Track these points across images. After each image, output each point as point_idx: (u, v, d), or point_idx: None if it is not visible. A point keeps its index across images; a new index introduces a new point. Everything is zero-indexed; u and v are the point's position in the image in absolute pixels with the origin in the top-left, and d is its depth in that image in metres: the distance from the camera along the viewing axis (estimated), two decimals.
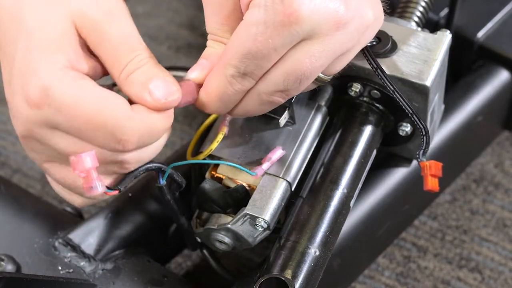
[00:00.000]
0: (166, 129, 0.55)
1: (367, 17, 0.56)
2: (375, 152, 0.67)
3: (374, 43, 0.64)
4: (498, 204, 0.88)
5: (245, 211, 0.61)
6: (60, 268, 0.67)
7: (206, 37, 0.60)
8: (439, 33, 0.66)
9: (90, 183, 0.52)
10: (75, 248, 0.68)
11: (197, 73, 0.58)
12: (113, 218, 0.71)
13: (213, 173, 0.64)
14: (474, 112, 0.81)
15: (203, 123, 0.67)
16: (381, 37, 0.65)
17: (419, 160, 0.64)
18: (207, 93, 0.57)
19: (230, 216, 0.62)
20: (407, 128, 0.68)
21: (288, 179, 0.62)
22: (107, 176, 0.56)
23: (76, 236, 0.69)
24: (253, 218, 0.61)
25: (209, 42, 0.58)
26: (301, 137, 0.65)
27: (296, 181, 0.63)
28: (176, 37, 1.02)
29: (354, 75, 0.65)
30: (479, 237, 0.85)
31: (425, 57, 0.64)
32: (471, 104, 0.81)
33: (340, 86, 0.67)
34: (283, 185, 0.62)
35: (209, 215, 0.65)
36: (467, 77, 0.84)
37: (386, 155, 0.75)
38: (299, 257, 0.59)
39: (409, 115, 0.63)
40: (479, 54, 0.85)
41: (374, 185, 0.74)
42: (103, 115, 0.52)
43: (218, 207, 0.64)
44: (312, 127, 0.66)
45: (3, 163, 0.93)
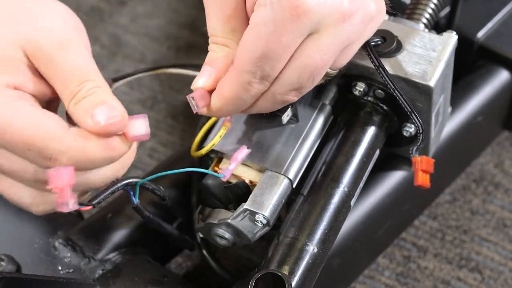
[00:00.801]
0: (107, 158, 0.54)
1: (370, 8, 0.57)
2: (378, 152, 0.67)
3: (379, 42, 0.64)
4: (498, 204, 0.88)
5: (245, 207, 0.61)
6: (60, 268, 0.67)
7: (207, 36, 0.60)
8: (445, 34, 0.66)
9: (63, 199, 0.53)
10: (75, 248, 0.68)
11: (204, 81, 0.58)
12: (113, 218, 0.71)
13: (216, 168, 0.65)
14: (474, 112, 0.81)
15: (208, 121, 0.67)
16: (386, 37, 0.65)
17: (411, 155, 0.64)
18: (221, 99, 0.57)
19: (231, 212, 0.63)
20: (411, 129, 0.68)
21: (290, 176, 0.63)
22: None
23: (76, 236, 0.69)
24: (253, 214, 0.61)
25: (211, 46, 0.59)
26: (303, 135, 0.65)
27: (298, 179, 0.64)
28: (177, 37, 1.02)
29: (359, 74, 0.65)
30: (479, 237, 0.85)
31: (430, 57, 0.64)
32: (471, 104, 0.81)
33: (344, 85, 0.67)
34: (284, 182, 0.62)
35: (211, 210, 0.65)
36: (467, 77, 0.84)
37: (387, 155, 0.75)
38: (297, 254, 0.59)
39: (408, 113, 0.63)
40: (479, 54, 0.85)
41: (375, 185, 0.75)
42: (33, 135, 0.52)
43: (220, 202, 0.64)
44: (315, 125, 0.66)
45: None
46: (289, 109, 0.63)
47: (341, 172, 0.64)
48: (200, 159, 0.66)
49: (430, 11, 0.72)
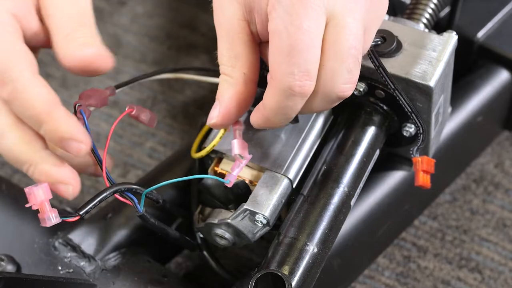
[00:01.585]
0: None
1: None
2: (378, 152, 0.67)
3: (379, 42, 0.64)
4: (498, 204, 0.88)
5: (245, 206, 0.61)
6: (60, 268, 0.67)
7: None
8: (445, 34, 0.66)
9: (43, 214, 0.55)
10: (75, 248, 0.68)
11: (215, 119, 0.59)
12: (113, 218, 0.71)
13: (216, 168, 0.65)
14: (474, 112, 0.81)
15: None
16: (386, 36, 0.65)
17: (412, 155, 0.64)
18: (266, 110, 0.57)
19: (231, 212, 0.63)
20: (411, 129, 0.68)
21: (290, 176, 0.63)
22: None
23: (76, 236, 0.69)
24: (253, 214, 0.61)
25: (220, 76, 0.59)
26: (303, 134, 0.65)
27: (298, 179, 0.64)
28: (177, 37, 1.02)
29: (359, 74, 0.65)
30: (479, 237, 0.85)
31: (430, 57, 0.64)
32: (471, 104, 0.81)
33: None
34: (284, 182, 0.62)
35: (211, 210, 0.65)
36: (467, 77, 0.84)
37: (387, 155, 0.75)
38: (297, 254, 0.59)
39: (409, 113, 0.63)
40: (479, 54, 0.85)
41: (375, 185, 0.75)
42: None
43: (220, 202, 0.64)
44: (315, 125, 0.66)
45: (3, 163, 0.93)
46: None
47: (341, 172, 0.64)
48: (200, 159, 0.67)
49: (430, 11, 0.72)
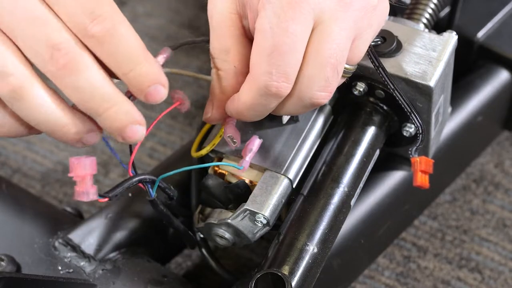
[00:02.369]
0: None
1: None
2: (378, 152, 0.67)
3: (379, 42, 0.64)
4: (498, 204, 0.88)
5: (245, 207, 0.61)
6: (60, 268, 0.67)
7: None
8: (445, 34, 0.66)
9: (83, 188, 0.52)
10: (75, 248, 0.68)
11: (210, 113, 0.60)
12: (113, 218, 0.71)
13: (216, 168, 0.64)
14: (474, 112, 0.81)
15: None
16: (386, 36, 0.65)
17: (410, 156, 0.64)
18: (240, 105, 0.57)
19: (231, 212, 0.63)
20: (411, 129, 0.68)
21: (289, 176, 0.63)
22: None
23: (76, 236, 0.69)
24: (253, 214, 0.61)
25: (212, 70, 0.59)
26: (303, 134, 0.65)
27: (298, 178, 0.64)
28: (176, 37, 1.02)
29: (359, 74, 0.65)
30: (479, 237, 0.85)
31: (430, 57, 0.64)
32: (471, 104, 0.81)
33: (344, 85, 0.67)
34: (284, 182, 0.62)
35: (211, 210, 0.65)
36: (467, 77, 0.84)
37: (387, 155, 0.75)
38: (297, 254, 0.59)
39: (408, 113, 0.63)
40: (479, 54, 0.85)
41: (375, 185, 0.75)
42: None
43: (220, 202, 0.64)
44: (315, 125, 0.66)
45: (3, 163, 0.93)
46: None
47: (341, 172, 0.64)
48: (200, 159, 0.66)
49: (430, 11, 0.72)
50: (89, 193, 0.52)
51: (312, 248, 0.60)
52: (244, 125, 0.65)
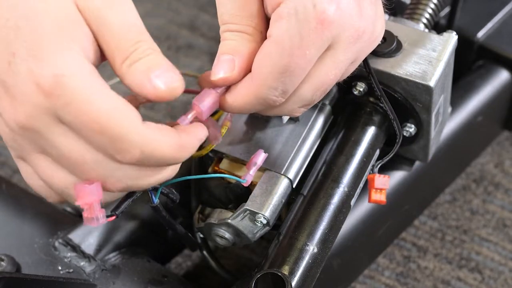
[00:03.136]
0: (176, 158, 0.51)
1: (377, 31, 0.57)
2: (378, 152, 0.67)
3: (380, 42, 0.65)
4: (498, 204, 0.88)
5: (245, 207, 0.61)
6: (60, 268, 0.67)
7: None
8: (445, 34, 0.66)
9: (91, 214, 0.51)
10: (75, 248, 0.68)
11: (225, 71, 0.55)
12: None
13: (216, 168, 0.64)
14: (474, 112, 0.81)
15: None
16: (386, 37, 0.65)
17: (371, 172, 0.64)
18: (233, 102, 0.55)
19: (231, 212, 0.63)
20: (411, 129, 0.68)
21: (289, 176, 0.63)
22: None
23: (76, 236, 0.69)
24: (253, 214, 0.61)
25: (227, 35, 0.55)
26: (303, 134, 0.65)
27: (298, 179, 0.64)
28: (176, 37, 1.02)
29: (359, 74, 0.65)
30: (479, 237, 0.85)
31: (430, 57, 0.64)
32: (471, 104, 0.81)
33: (344, 85, 0.67)
34: (284, 182, 0.62)
35: (211, 210, 0.65)
36: (467, 77, 0.84)
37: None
38: (297, 254, 0.59)
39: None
40: (479, 54, 0.85)
41: None
42: (112, 120, 0.48)
43: (220, 202, 0.64)
44: (315, 125, 0.66)
45: (3, 163, 0.93)
46: None
47: (341, 172, 0.64)
48: (199, 159, 0.66)
49: (430, 11, 0.72)
50: (98, 218, 0.52)
51: (312, 248, 0.60)
52: (244, 125, 0.65)
